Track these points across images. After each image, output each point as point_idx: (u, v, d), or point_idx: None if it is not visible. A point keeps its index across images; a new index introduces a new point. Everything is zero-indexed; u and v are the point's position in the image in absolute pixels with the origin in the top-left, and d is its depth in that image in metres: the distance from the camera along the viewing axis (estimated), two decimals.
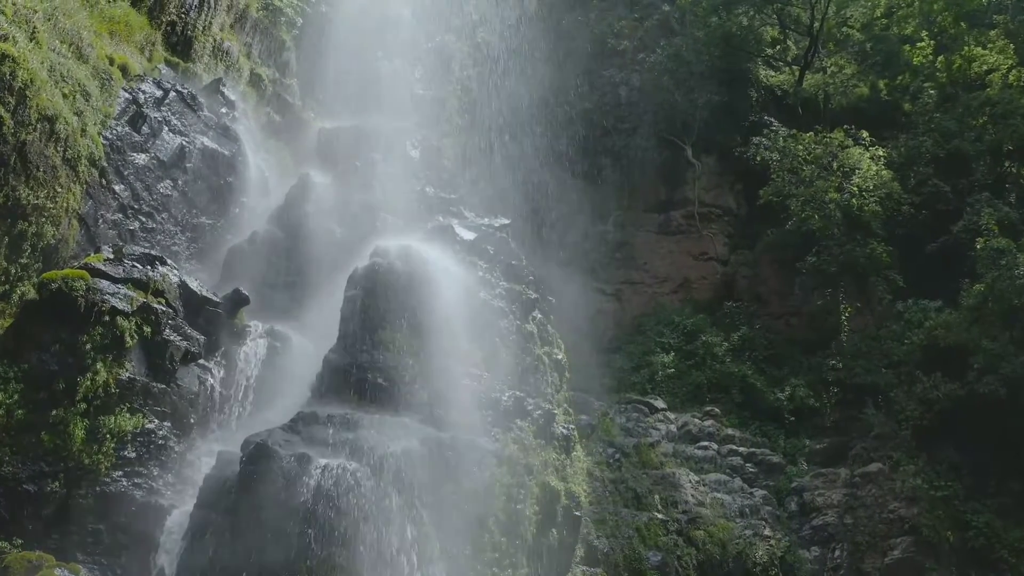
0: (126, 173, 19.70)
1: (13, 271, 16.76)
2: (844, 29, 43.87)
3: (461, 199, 23.14)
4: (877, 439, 31.37)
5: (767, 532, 28.88)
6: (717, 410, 34.53)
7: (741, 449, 32.66)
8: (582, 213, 42.40)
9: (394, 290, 17.28)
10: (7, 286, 16.65)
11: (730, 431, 33.58)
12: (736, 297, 39.70)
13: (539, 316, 21.41)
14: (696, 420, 33.94)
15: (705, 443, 32.73)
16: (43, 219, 17.24)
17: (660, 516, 27.48)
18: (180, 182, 21.08)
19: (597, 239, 42.02)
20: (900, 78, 41.23)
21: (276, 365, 18.76)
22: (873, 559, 28.04)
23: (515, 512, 16.88)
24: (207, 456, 16.45)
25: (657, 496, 28.59)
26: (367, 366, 16.44)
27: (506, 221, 22.79)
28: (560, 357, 22.00)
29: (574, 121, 42.20)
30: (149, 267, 17.28)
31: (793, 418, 33.84)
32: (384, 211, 21.59)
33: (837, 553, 28.64)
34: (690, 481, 29.84)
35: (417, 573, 14.42)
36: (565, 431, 19.95)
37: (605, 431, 31.02)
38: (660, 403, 34.95)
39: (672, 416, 34.35)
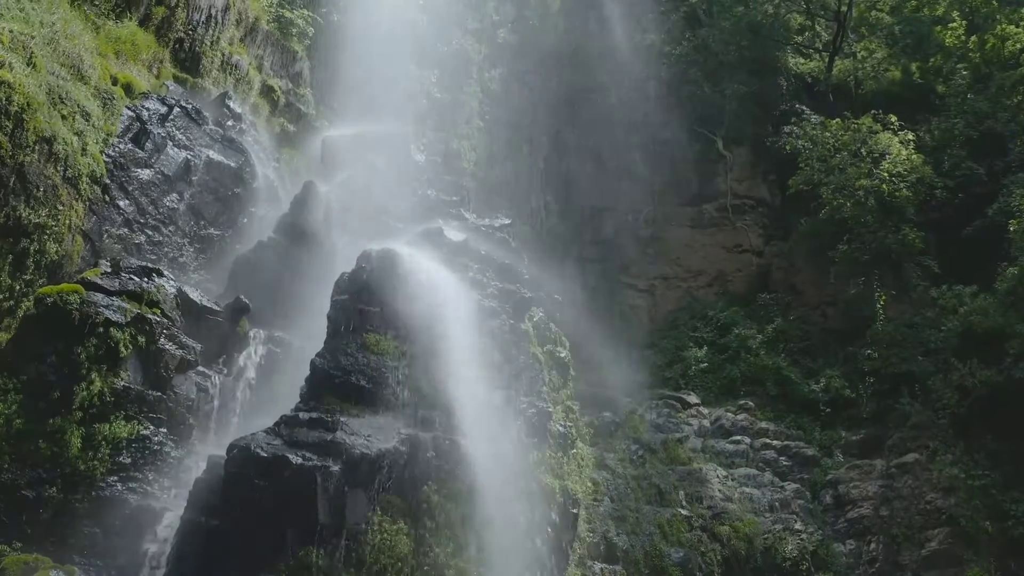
0: (130, 189, 20.35)
1: (17, 287, 17.44)
2: (873, 13, 43.00)
3: (462, 201, 23.33)
4: (914, 429, 30.85)
5: (798, 526, 28.56)
6: (751, 403, 34.25)
7: (775, 442, 32.33)
8: (613, 209, 42.39)
9: (378, 294, 17.56)
10: (12, 302, 17.33)
11: (764, 424, 33.28)
12: (771, 288, 39.33)
13: (540, 315, 21.48)
14: (729, 414, 33.68)
15: (737, 437, 32.47)
16: (45, 236, 17.89)
17: (684, 512, 27.34)
18: (186, 195, 21.69)
19: (629, 235, 41.98)
20: (932, 60, 40.33)
21: (276, 370, 19.23)
22: (910, 551, 27.60)
23: (503, 510, 17.00)
24: (205, 461, 16.89)
25: (682, 492, 28.44)
26: (351, 369, 16.74)
27: (507, 221, 22.93)
28: (563, 355, 22.08)
29: (602, 117, 42.10)
30: (145, 279, 17.86)
31: (829, 409, 33.45)
32: (386, 216, 21.89)
33: (873, 546, 28.26)
34: (718, 476, 29.62)
35: (392, 571, 14.67)
36: (562, 429, 20.01)
37: (632, 428, 30.95)
38: (693, 398, 34.77)
39: (705, 411, 34.18)
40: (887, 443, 31.08)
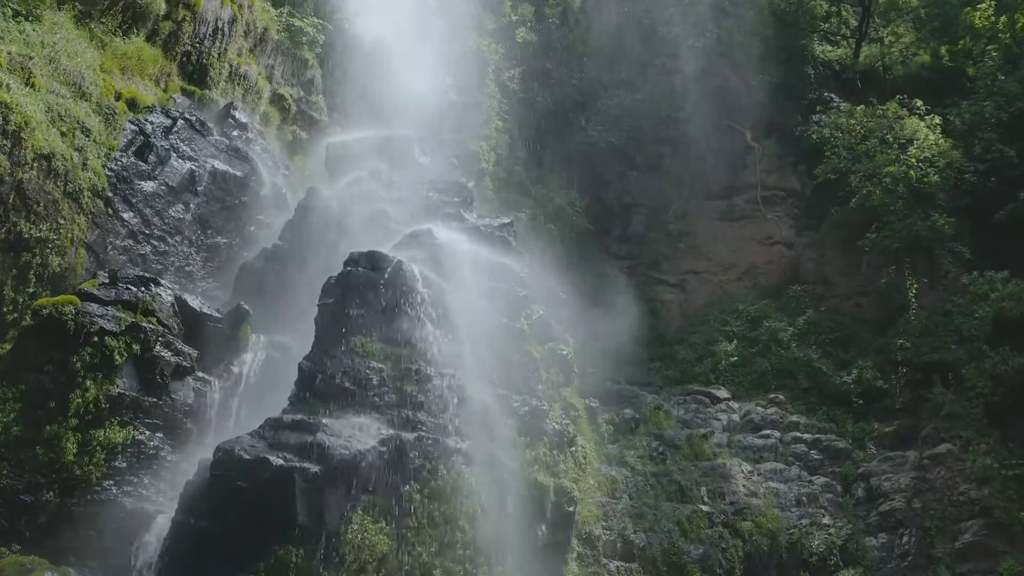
0: (134, 201, 20.91)
1: (21, 300, 18.13)
2: None
3: (463, 202, 23.42)
4: (947, 419, 30.33)
5: (825, 520, 28.22)
6: (782, 397, 33.92)
7: (805, 436, 31.95)
8: (642, 205, 42.27)
9: (363, 297, 17.80)
10: (16, 314, 18.01)
11: (794, 418, 32.90)
12: (803, 280, 38.92)
13: (540, 313, 21.52)
14: (759, 408, 33.37)
15: (767, 431, 32.14)
16: (47, 250, 18.55)
17: (705, 508, 27.12)
18: (192, 205, 22.22)
19: (659, 230, 41.84)
20: (961, 42, 39.38)
21: (275, 375, 19.48)
22: (943, 544, 27.17)
23: (492, 509, 17.07)
24: None
25: (704, 488, 28.22)
26: (335, 371, 17.00)
27: (507, 220, 22.97)
28: (566, 352, 22.06)
29: (627, 113, 41.95)
30: (142, 288, 18.32)
31: (861, 401, 32.99)
32: (387, 219, 22.14)
33: (905, 539, 27.85)
34: (743, 471, 29.31)
35: (372, 569, 14.87)
36: (559, 427, 19.99)
37: (656, 424, 30.82)
38: (723, 393, 34.51)
39: (735, 405, 33.91)
40: (920, 434, 30.57)
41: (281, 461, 15.12)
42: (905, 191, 33.47)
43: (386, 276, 18.07)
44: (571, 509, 19.13)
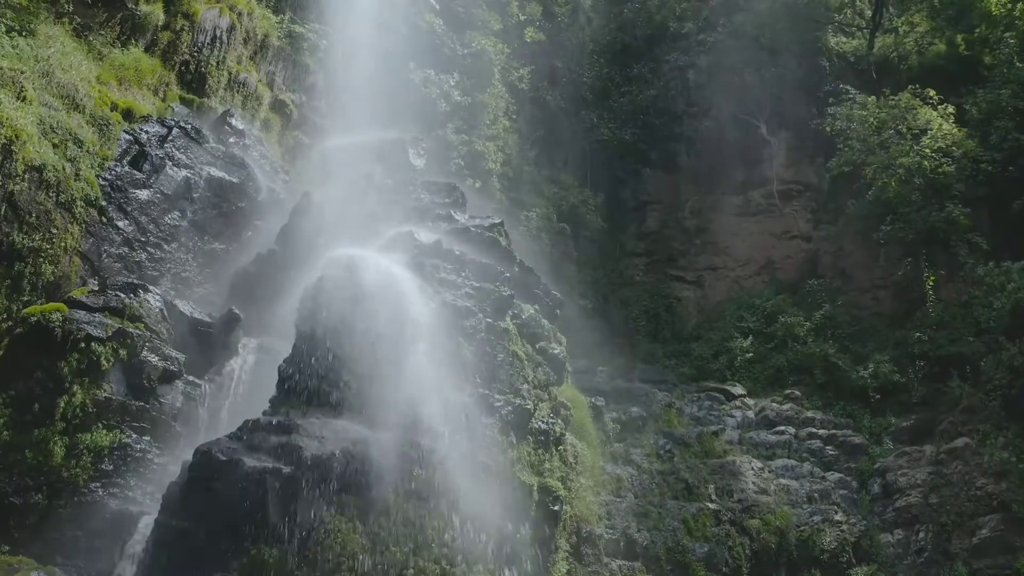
0: (129, 209, 21.30)
1: (15, 308, 18.54)
2: None
3: (455, 203, 23.53)
4: (964, 412, 29.95)
5: (838, 517, 27.96)
6: (798, 392, 33.70)
7: (821, 432, 31.69)
8: (658, 202, 42.15)
9: (341, 299, 17.98)
10: (10, 322, 18.42)
11: (810, 414, 32.65)
12: (821, 274, 38.57)
13: (531, 312, 21.58)
14: (775, 405, 33.16)
15: (782, 428, 31.92)
16: (41, 259, 18.96)
17: (712, 506, 27.02)
18: (188, 212, 22.58)
19: (675, 227, 41.73)
20: (978, 30, 38.57)
21: (265, 378, 19.66)
22: (960, 539, 26.88)
23: (471, 509, 17.10)
24: None
25: (712, 486, 28.11)
26: (312, 374, 17.20)
27: (497, 220, 23.04)
28: (557, 351, 22.06)
29: (640, 110, 41.83)
30: (130, 295, 18.73)
31: (878, 396, 32.58)
32: (377, 222, 22.34)
33: (921, 535, 27.59)
34: (753, 468, 29.13)
35: (345, 568, 15.04)
36: (544, 426, 19.99)
37: (667, 422, 30.73)
38: (739, 389, 34.36)
39: (751, 402, 33.72)
40: (938, 428, 30.15)
41: (255, 462, 15.36)
42: (921, 182, 33.03)
43: (364, 278, 18.28)
44: (556, 508, 19.13)
